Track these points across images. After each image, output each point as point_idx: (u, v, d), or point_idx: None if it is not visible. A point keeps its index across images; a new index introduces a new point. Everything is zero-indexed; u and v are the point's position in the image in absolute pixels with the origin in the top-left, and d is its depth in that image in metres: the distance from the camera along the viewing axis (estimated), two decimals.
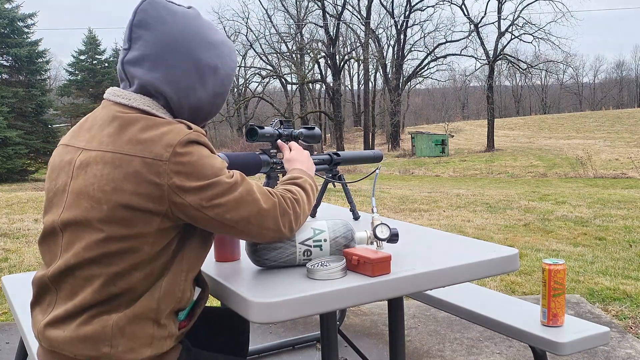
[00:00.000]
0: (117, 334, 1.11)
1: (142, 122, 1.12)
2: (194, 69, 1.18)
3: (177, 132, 1.11)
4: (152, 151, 1.08)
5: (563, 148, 27.69)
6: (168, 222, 1.11)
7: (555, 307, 1.79)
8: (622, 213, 6.63)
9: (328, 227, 1.33)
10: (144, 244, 1.10)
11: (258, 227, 1.17)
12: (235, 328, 1.60)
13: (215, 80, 1.22)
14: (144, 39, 1.17)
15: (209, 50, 1.20)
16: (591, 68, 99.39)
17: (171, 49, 1.17)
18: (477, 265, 1.37)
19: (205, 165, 1.11)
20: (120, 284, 1.11)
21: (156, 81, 1.17)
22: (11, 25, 24.24)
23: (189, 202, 1.10)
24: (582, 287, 3.66)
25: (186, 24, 1.19)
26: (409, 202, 7.94)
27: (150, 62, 1.17)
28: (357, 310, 3.24)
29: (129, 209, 1.08)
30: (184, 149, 1.09)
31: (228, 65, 1.24)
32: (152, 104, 1.17)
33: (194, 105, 1.21)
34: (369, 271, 1.24)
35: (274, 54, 39.46)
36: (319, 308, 1.18)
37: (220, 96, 1.24)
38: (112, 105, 1.18)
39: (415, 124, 53.20)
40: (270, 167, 1.62)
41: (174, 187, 1.08)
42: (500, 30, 33.55)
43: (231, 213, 1.13)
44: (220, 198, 1.12)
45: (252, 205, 1.16)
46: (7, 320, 3.18)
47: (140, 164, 1.08)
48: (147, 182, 1.08)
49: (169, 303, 1.15)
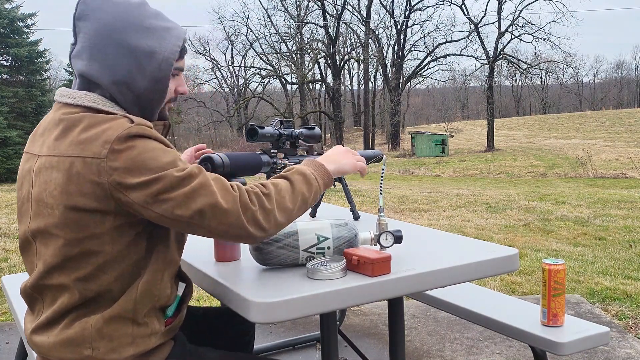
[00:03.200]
0: (95, 336, 1.11)
1: (85, 121, 1.10)
2: (130, 55, 1.13)
3: (116, 127, 1.07)
4: (91, 150, 1.06)
5: (563, 148, 27.69)
6: (122, 219, 1.09)
7: (555, 307, 1.78)
8: (622, 213, 6.63)
9: (332, 235, 1.32)
10: (102, 244, 1.09)
11: (217, 223, 1.09)
12: (241, 327, 1.59)
13: (152, 65, 1.15)
14: (84, 31, 1.15)
15: (145, 35, 1.15)
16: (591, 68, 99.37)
17: (106, 37, 1.13)
18: (477, 265, 1.37)
19: (148, 160, 1.06)
20: (92, 287, 1.11)
21: (95, 72, 1.14)
22: (11, 25, 24.22)
23: (133, 199, 1.06)
24: (582, 287, 3.66)
25: (123, 11, 1.15)
26: (409, 202, 7.94)
27: (88, 53, 1.14)
28: (357, 310, 3.24)
29: (78, 211, 1.07)
30: (123, 144, 1.05)
31: (167, 49, 1.17)
32: (98, 98, 1.14)
33: (136, 94, 1.16)
34: (369, 271, 1.24)
35: (274, 54, 39.50)
36: (319, 308, 1.17)
37: (160, 82, 1.17)
38: (60, 107, 1.16)
39: (415, 124, 53.19)
40: (271, 167, 1.62)
41: (115, 184, 1.05)
42: (500, 30, 33.55)
43: (181, 208, 1.07)
44: (168, 193, 1.06)
45: (206, 198, 1.08)
46: (7, 320, 3.18)
47: (81, 165, 1.06)
48: (90, 182, 1.05)
49: (147, 303, 1.15)
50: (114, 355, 1.12)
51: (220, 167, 1.44)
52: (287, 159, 1.68)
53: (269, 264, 1.30)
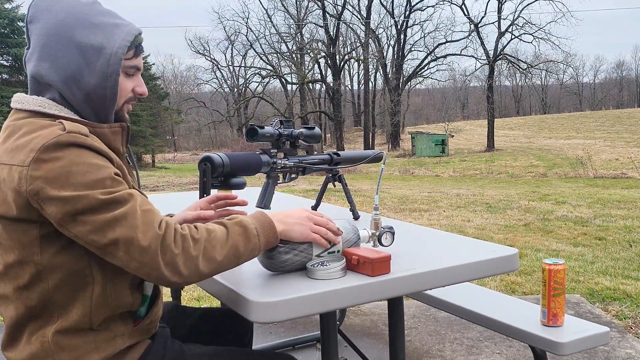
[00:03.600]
0: (55, 348, 1.10)
1: (25, 127, 1.07)
2: (78, 52, 1.11)
3: (46, 135, 1.02)
4: (18, 158, 1.02)
5: (563, 148, 27.69)
6: (48, 228, 1.05)
7: (555, 307, 1.78)
8: (622, 213, 6.63)
9: (342, 237, 1.32)
10: (31, 253, 1.06)
11: (130, 258, 1.02)
12: (239, 328, 1.59)
13: (100, 60, 1.12)
14: (35, 33, 1.13)
15: (93, 32, 1.12)
16: (591, 68, 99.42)
17: (54, 35, 1.11)
18: (477, 265, 1.37)
19: (73, 174, 1.00)
20: (33, 297, 1.09)
21: (44, 71, 1.12)
22: (11, 25, 24.23)
23: (49, 213, 1.01)
24: (582, 287, 3.66)
25: (71, 9, 1.13)
26: (409, 202, 7.94)
27: (38, 54, 1.12)
28: (357, 310, 3.24)
29: (4, 220, 1.06)
30: (49, 154, 1.00)
31: (116, 45, 1.13)
32: (45, 102, 1.11)
33: (86, 91, 1.13)
34: (369, 271, 1.24)
35: (274, 54, 39.49)
36: (319, 308, 1.17)
37: (110, 78, 1.13)
38: (13, 112, 1.14)
39: (415, 124, 53.18)
40: (271, 167, 1.62)
41: (32, 193, 1.00)
42: (500, 30, 33.55)
43: (97, 234, 1.00)
44: (87, 215, 1.00)
45: (124, 230, 1.01)
46: None
47: (7, 172, 1.03)
48: (11, 190, 1.02)
49: (105, 312, 1.13)
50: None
51: (220, 167, 1.45)
52: (287, 158, 1.68)
53: (279, 271, 1.29)
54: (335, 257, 1.29)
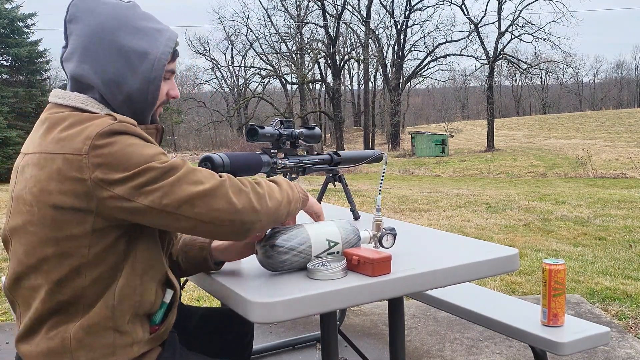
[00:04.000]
0: (75, 345, 1.10)
1: (69, 119, 1.09)
2: (119, 56, 1.13)
3: (98, 124, 1.06)
4: (72, 147, 1.04)
5: (563, 148, 27.69)
6: (103, 222, 1.07)
7: (556, 307, 1.79)
8: (622, 213, 6.63)
9: (342, 238, 1.32)
10: (79, 246, 1.07)
11: (207, 209, 1.05)
12: (239, 328, 1.59)
13: (144, 65, 1.15)
14: (75, 33, 1.14)
15: (136, 36, 1.14)
16: (591, 68, 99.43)
17: (97, 37, 1.13)
18: (477, 265, 1.37)
19: (130, 154, 1.04)
20: (66, 291, 1.09)
21: (85, 72, 1.13)
22: (11, 25, 24.23)
23: (118, 194, 1.03)
24: (582, 287, 3.66)
25: (113, 12, 1.15)
26: (409, 202, 7.94)
27: (79, 55, 1.14)
28: (357, 310, 3.24)
29: (57, 210, 1.05)
30: (104, 140, 1.04)
31: (160, 50, 1.16)
32: (87, 100, 1.13)
33: (127, 94, 1.15)
34: (369, 271, 1.24)
35: (274, 54, 39.50)
36: (319, 308, 1.17)
37: (153, 83, 1.17)
38: (51, 107, 1.16)
39: (415, 124, 53.18)
40: (271, 167, 1.62)
41: (97, 180, 1.03)
42: (500, 30, 33.55)
43: (169, 197, 1.04)
44: (153, 184, 1.04)
45: (194, 185, 1.05)
46: (7, 320, 3.18)
47: (62, 162, 1.04)
48: (70, 179, 1.04)
49: (127, 309, 1.13)
50: None
51: (220, 167, 1.44)
52: (287, 159, 1.68)
53: (278, 271, 1.29)
54: (335, 258, 1.29)
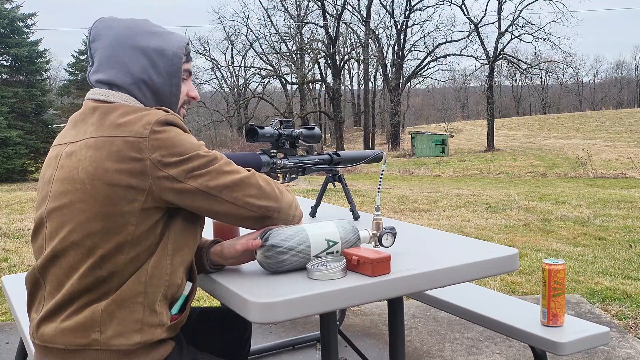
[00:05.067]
0: (106, 319, 1.13)
1: (122, 109, 1.19)
2: (142, 55, 1.23)
3: (155, 113, 1.17)
4: (132, 130, 1.14)
5: (563, 148, 27.69)
6: (152, 202, 1.14)
7: (555, 307, 1.79)
8: (622, 213, 6.63)
9: (341, 238, 1.32)
10: (127, 224, 1.13)
11: (242, 194, 1.21)
12: (237, 327, 1.60)
13: (165, 61, 1.25)
14: (99, 49, 1.25)
15: (152, 38, 1.26)
16: (591, 68, 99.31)
17: (118, 45, 1.23)
18: (477, 265, 1.37)
19: (183, 141, 1.17)
20: (107, 267, 1.13)
21: (114, 77, 1.23)
22: (11, 25, 24.23)
23: (172, 174, 1.14)
24: (582, 287, 3.66)
25: (129, 23, 1.27)
26: (409, 202, 7.94)
27: (105, 64, 1.24)
28: (357, 310, 3.24)
29: (111, 186, 1.12)
30: (162, 127, 1.15)
31: (175, 46, 1.27)
32: (128, 98, 1.23)
33: (153, 90, 1.25)
34: (369, 271, 1.24)
35: (274, 54, 39.48)
36: (319, 308, 1.18)
37: (174, 76, 1.27)
38: (92, 102, 1.23)
39: (415, 124, 53.18)
40: (271, 167, 1.62)
41: (155, 161, 1.13)
42: (500, 30, 33.55)
43: (215, 181, 1.18)
44: (202, 169, 1.18)
45: (233, 174, 1.21)
46: (7, 320, 3.18)
47: (122, 143, 1.13)
48: (129, 158, 1.12)
49: (157, 286, 1.17)
50: (120, 340, 1.13)
51: None
52: (286, 159, 1.68)
53: (278, 271, 1.29)
54: (335, 258, 1.29)
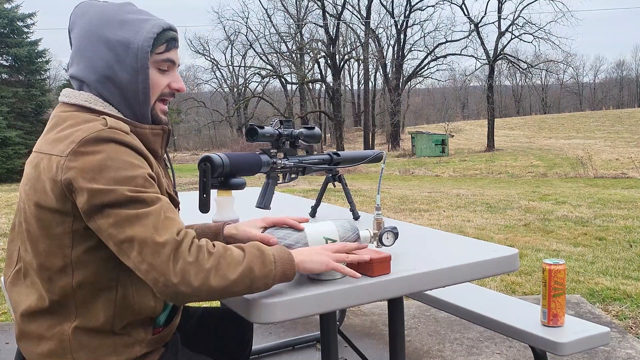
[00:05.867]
0: (75, 346, 1.11)
1: (69, 121, 1.10)
2: (106, 49, 1.14)
3: (87, 129, 1.06)
4: (58, 148, 1.06)
5: (563, 148, 27.68)
6: (82, 223, 1.07)
7: (556, 307, 1.78)
8: (622, 213, 6.63)
9: (340, 236, 1.31)
10: (63, 246, 1.09)
11: (141, 259, 1.00)
12: (238, 328, 1.59)
13: (129, 56, 1.14)
14: (73, 39, 1.18)
15: (120, 28, 1.15)
16: (591, 68, 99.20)
17: (87, 37, 1.15)
18: (477, 265, 1.37)
19: (107, 168, 1.02)
20: (55, 291, 1.11)
21: (81, 72, 1.16)
22: (11, 25, 24.22)
23: (79, 203, 1.03)
24: (582, 287, 3.66)
25: (102, 10, 1.16)
26: (409, 202, 7.93)
27: (76, 57, 1.17)
28: (357, 310, 3.24)
29: (41, 208, 1.08)
30: (88, 147, 1.03)
31: (142, 37, 1.14)
32: (91, 97, 1.15)
33: (119, 88, 1.15)
34: (369, 271, 1.24)
35: (273, 53, 39.46)
36: (319, 308, 1.17)
37: (141, 72, 1.15)
38: (59, 106, 1.18)
39: (415, 124, 53.16)
40: (270, 167, 1.62)
41: (66, 183, 1.03)
42: (501, 30, 33.53)
43: (117, 228, 1.01)
44: (112, 208, 1.01)
45: (143, 229, 1.01)
46: (7, 321, 3.18)
47: (47, 161, 1.06)
48: (49, 179, 1.05)
49: (127, 316, 1.14)
50: None
51: (220, 167, 1.44)
52: (286, 158, 1.68)
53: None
54: None
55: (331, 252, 1.19)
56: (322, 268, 1.16)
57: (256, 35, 41.60)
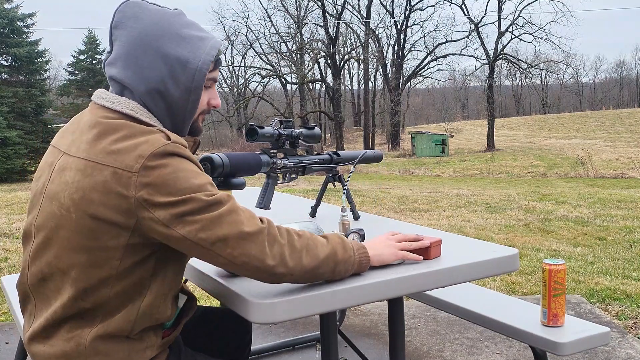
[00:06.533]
0: (90, 352, 1.10)
1: (123, 131, 1.08)
2: (163, 63, 1.12)
3: (152, 142, 1.05)
4: (123, 162, 1.04)
5: (563, 148, 27.68)
6: (138, 239, 1.06)
7: (556, 307, 1.78)
8: (622, 213, 6.63)
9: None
10: (111, 258, 1.07)
11: (239, 252, 1.05)
12: (238, 328, 1.59)
13: (186, 75, 1.13)
14: (120, 39, 1.14)
15: (179, 44, 1.13)
16: (591, 68, 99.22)
17: (141, 45, 1.12)
18: (477, 265, 1.37)
19: (179, 180, 1.04)
20: (90, 299, 1.09)
21: (128, 79, 1.13)
22: (11, 25, 24.24)
23: (158, 217, 1.03)
24: (582, 287, 3.66)
25: (159, 19, 1.14)
26: (409, 202, 7.93)
27: (123, 61, 1.13)
28: (357, 310, 3.24)
29: (96, 220, 1.05)
30: (157, 161, 1.04)
31: (201, 60, 1.14)
32: (136, 107, 1.13)
33: (168, 103, 1.15)
34: (425, 255, 1.33)
35: (273, 53, 39.47)
36: (319, 308, 1.17)
37: (194, 92, 1.15)
38: (97, 108, 1.14)
39: (415, 124, 53.16)
40: (271, 167, 1.62)
41: (142, 200, 1.02)
42: (501, 29, 33.53)
43: (205, 232, 1.04)
44: (194, 215, 1.03)
45: (232, 226, 1.05)
46: (7, 321, 3.18)
47: (111, 175, 1.04)
48: (115, 193, 1.03)
49: (145, 323, 1.14)
50: None
51: (220, 167, 1.44)
52: (286, 159, 1.68)
53: None
54: None
55: (395, 242, 1.31)
56: (393, 258, 1.28)
57: (256, 35, 41.63)
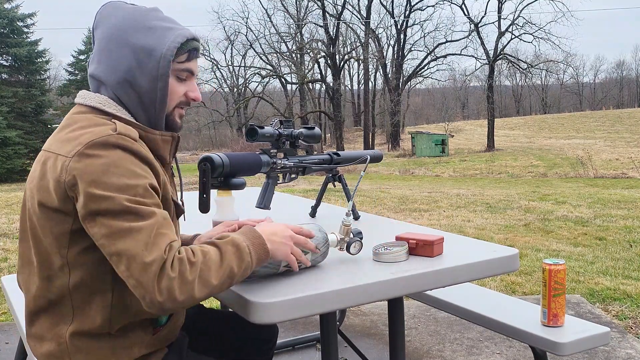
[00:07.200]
0: (73, 350, 1.12)
1: (81, 122, 1.11)
2: (130, 54, 1.14)
3: (97, 132, 1.06)
4: (65, 149, 1.06)
5: (563, 148, 27.68)
6: (80, 224, 1.06)
7: (556, 307, 1.78)
8: (622, 213, 6.63)
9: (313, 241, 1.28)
10: (60, 246, 1.09)
11: (128, 274, 1.00)
12: (261, 335, 1.55)
13: (151, 62, 1.14)
14: (97, 38, 1.19)
15: (146, 34, 1.15)
16: (591, 68, 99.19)
17: (111, 38, 1.15)
18: (477, 265, 1.37)
19: (108, 174, 1.02)
20: (53, 290, 1.12)
21: (101, 73, 1.16)
22: (11, 25, 24.25)
23: (79, 206, 1.04)
24: (582, 287, 3.66)
25: (129, 14, 1.17)
26: (409, 202, 7.93)
27: (98, 56, 1.17)
28: (357, 310, 3.24)
29: (44, 207, 1.09)
30: (93, 150, 1.03)
31: (166, 46, 1.15)
32: (106, 100, 1.15)
33: (138, 93, 1.16)
34: (429, 252, 1.37)
35: (273, 53, 39.45)
36: (319, 308, 1.17)
37: (161, 80, 1.16)
38: (75, 107, 1.19)
39: (415, 124, 53.15)
40: (271, 167, 1.62)
41: (70, 185, 1.03)
42: (501, 29, 33.52)
43: (108, 240, 1.01)
44: (106, 218, 1.01)
45: (133, 245, 1.00)
46: (7, 321, 3.18)
47: (53, 161, 1.07)
48: (53, 179, 1.06)
49: (125, 319, 1.14)
50: None
51: (220, 167, 1.44)
52: (286, 159, 1.68)
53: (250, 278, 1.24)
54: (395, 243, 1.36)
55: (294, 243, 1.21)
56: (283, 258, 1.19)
57: (256, 35, 41.59)
